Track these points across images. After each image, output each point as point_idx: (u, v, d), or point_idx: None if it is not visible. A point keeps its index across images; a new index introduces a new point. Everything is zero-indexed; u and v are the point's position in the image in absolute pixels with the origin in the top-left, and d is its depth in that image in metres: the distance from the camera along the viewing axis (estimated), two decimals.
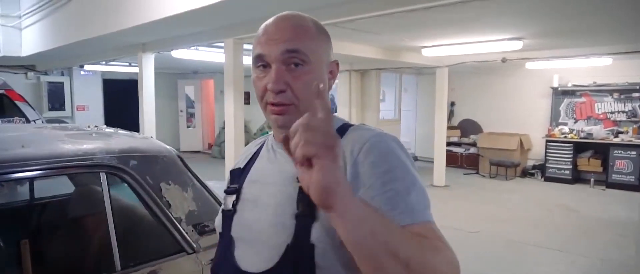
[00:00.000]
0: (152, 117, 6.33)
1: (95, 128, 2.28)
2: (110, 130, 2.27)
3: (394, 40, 5.82)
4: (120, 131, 2.24)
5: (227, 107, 4.94)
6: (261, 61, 0.89)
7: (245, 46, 4.84)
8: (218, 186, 3.72)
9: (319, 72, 0.89)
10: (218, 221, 1.04)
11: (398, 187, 0.79)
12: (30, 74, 9.86)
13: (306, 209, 0.82)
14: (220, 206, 2.17)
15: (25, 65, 9.60)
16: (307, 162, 0.64)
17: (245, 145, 7.44)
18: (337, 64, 0.96)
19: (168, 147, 2.05)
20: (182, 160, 2.04)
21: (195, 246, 1.95)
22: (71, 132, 2.04)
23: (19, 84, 9.53)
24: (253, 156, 1.05)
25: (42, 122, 7.09)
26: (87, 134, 2.03)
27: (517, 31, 5.33)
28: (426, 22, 4.73)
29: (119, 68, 9.75)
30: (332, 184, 0.63)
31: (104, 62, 8.39)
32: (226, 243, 0.97)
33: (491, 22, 4.82)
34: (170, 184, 1.93)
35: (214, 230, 2.12)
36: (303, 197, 0.79)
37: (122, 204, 2.02)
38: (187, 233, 1.95)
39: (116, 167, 1.77)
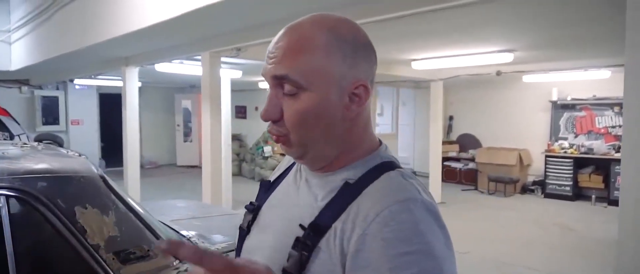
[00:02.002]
0: (135, 131, 6.22)
1: (24, 145, 2.13)
2: (39, 147, 2.12)
3: (381, 52, 5.59)
4: (48, 150, 2.09)
5: (204, 123, 4.80)
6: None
7: (223, 59, 4.71)
8: (182, 205, 3.55)
9: (321, 100, 0.70)
10: (236, 237, 0.91)
11: None
12: (25, 88, 9.85)
13: (294, 266, 0.68)
14: (150, 230, 2.00)
15: (19, 80, 9.59)
16: None
17: (236, 160, 7.28)
18: (365, 86, 0.73)
19: (91, 167, 1.89)
20: (105, 181, 1.87)
21: None
22: None
23: (13, 98, 9.54)
24: (287, 170, 0.90)
25: (28, 136, 7.02)
26: None
27: (507, 43, 5.14)
28: (411, 33, 4.57)
29: (114, 82, 9.70)
30: None
31: (92, 76, 8.34)
32: None
33: (478, 34, 4.64)
34: (86, 208, 1.76)
35: (140, 257, 1.95)
36: (296, 250, 0.69)
37: (34, 230, 1.85)
38: (106, 261, 1.78)
39: (19, 190, 1.61)
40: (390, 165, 0.75)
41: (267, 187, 0.89)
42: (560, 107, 8.33)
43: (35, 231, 1.73)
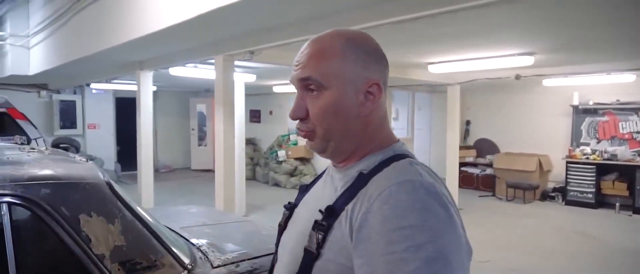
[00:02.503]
0: (149, 135, 6.22)
1: (31, 150, 2.09)
2: (46, 152, 2.08)
3: (397, 56, 5.55)
4: (54, 155, 2.04)
5: (217, 127, 4.75)
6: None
7: (237, 63, 4.66)
8: (193, 211, 3.50)
9: (339, 97, 0.83)
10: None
11: (399, 248, 0.68)
12: (43, 92, 9.98)
13: (313, 244, 0.80)
14: (158, 239, 1.94)
15: (38, 84, 9.73)
16: None
17: (250, 165, 7.41)
18: (378, 84, 0.85)
19: (97, 173, 1.83)
20: (111, 188, 1.81)
21: None
22: None
23: (32, 102, 9.67)
24: (321, 174, 1.03)
25: (44, 140, 7.07)
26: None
27: (526, 46, 5.00)
28: (427, 36, 4.47)
29: (130, 86, 9.77)
30: None
31: (107, 80, 8.40)
32: (273, 257, 1.01)
33: (497, 36, 4.52)
34: (91, 216, 1.70)
35: (147, 268, 1.89)
36: (316, 230, 0.80)
37: (36, 239, 1.80)
38: (111, 271, 1.72)
39: (21, 197, 1.56)
40: (402, 157, 0.84)
41: (303, 189, 1.02)
42: (581, 112, 8.10)
43: (38, 240, 1.68)
